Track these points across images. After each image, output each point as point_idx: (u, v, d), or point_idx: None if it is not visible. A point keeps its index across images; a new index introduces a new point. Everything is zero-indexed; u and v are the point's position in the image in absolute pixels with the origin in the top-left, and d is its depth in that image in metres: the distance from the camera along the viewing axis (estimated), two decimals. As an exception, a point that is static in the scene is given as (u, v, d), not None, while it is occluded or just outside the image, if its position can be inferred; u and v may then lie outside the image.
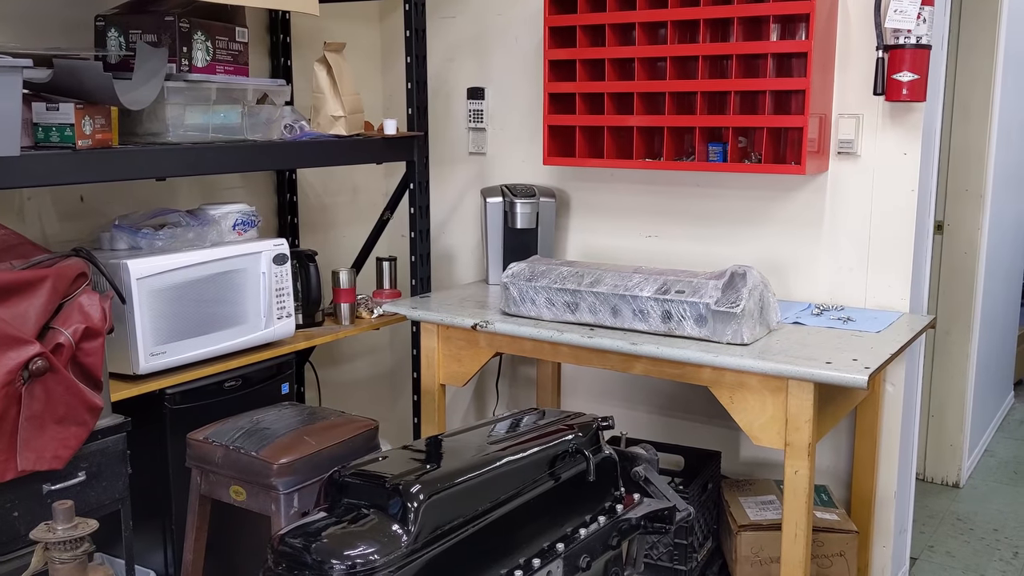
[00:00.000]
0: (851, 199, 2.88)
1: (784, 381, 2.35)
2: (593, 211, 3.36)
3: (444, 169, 3.67)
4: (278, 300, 2.71)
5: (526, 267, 2.83)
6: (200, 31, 2.49)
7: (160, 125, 2.37)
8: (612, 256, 3.32)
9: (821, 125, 2.81)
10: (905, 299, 2.85)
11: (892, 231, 2.83)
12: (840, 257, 2.92)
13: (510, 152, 3.52)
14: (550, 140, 3.14)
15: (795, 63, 2.84)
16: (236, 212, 2.69)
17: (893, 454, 2.94)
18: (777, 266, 3.02)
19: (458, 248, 3.70)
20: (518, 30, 3.42)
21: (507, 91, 3.50)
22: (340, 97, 2.82)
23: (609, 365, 2.64)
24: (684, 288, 2.58)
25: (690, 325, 2.54)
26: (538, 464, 1.62)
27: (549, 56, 3.08)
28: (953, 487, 3.96)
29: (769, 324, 2.60)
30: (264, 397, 2.68)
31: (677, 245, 3.21)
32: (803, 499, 2.36)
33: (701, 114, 2.87)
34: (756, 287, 2.53)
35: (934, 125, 2.92)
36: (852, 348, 2.45)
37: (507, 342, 2.79)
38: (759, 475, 3.14)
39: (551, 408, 1.96)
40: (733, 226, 3.10)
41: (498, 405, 3.67)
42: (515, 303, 2.80)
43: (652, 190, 3.24)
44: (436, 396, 2.96)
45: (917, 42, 2.63)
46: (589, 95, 3.07)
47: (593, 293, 2.67)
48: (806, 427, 2.34)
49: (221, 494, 2.23)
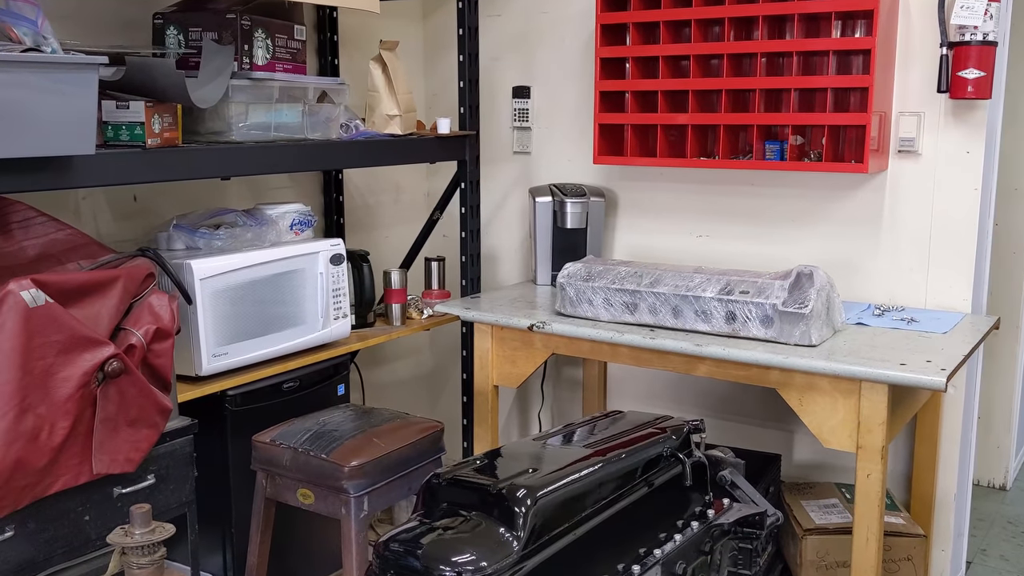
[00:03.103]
0: (912, 198, 2.84)
1: (857, 383, 2.31)
2: (642, 211, 3.33)
3: (488, 168, 3.63)
4: (335, 300, 2.68)
5: (582, 267, 2.80)
6: (260, 28, 2.46)
7: (222, 124, 2.34)
8: (662, 256, 3.28)
9: (881, 123, 2.77)
10: (967, 300, 2.81)
11: (954, 231, 2.79)
12: (900, 257, 2.88)
13: (555, 151, 3.49)
14: (601, 139, 3.11)
15: (854, 60, 2.80)
16: (293, 212, 2.66)
17: (953, 457, 2.90)
18: (833, 266, 2.98)
19: (502, 248, 3.66)
20: (564, 28, 3.39)
21: (553, 90, 3.46)
22: (395, 96, 2.79)
23: (671, 367, 2.60)
24: (748, 288, 2.54)
25: (755, 326, 2.50)
26: (636, 469, 1.59)
27: (600, 54, 3.05)
28: (1000, 489, 3.92)
29: (835, 325, 2.56)
30: (321, 399, 2.65)
31: (729, 245, 3.17)
32: (875, 503, 2.32)
33: (758, 112, 2.84)
34: (823, 288, 2.49)
35: (996, 122, 2.88)
36: (922, 349, 2.41)
37: (564, 343, 2.75)
38: (816, 478, 3.10)
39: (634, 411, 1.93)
40: (787, 226, 3.06)
41: (543, 407, 3.64)
42: (571, 304, 2.76)
43: (703, 189, 3.20)
44: (489, 397, 2.92)
45: (984, 39, 2.59)
46: (641, 93, 3.04)
47: (654, 293, 2.64)
48: (879, 430, 2.30)
49: (288, 497, 2.20)
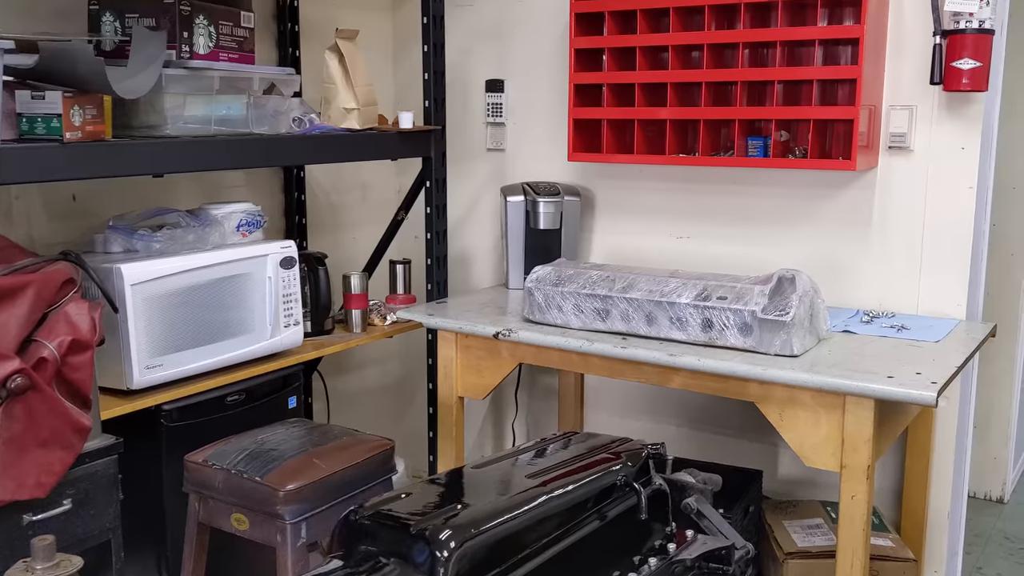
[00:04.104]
0: (903, 197, 2.67)
1: (841, 397, 2.13)
2: (620, 211, 3.15)
3: (460, 166, 3.46)
4: (285, 307, 2.51)
5: (552, 271, 2.62)
6: (202, 15, 2.29)
7: (158, 117, 2.17)
8: (641, 259, 3.11)
9: (871, 117, 2.60)
10: (962, 305, 2.64)
11: (948, 232, 2.62)
12: (891, 260, 2.71)
13: (531, 148, 3.31)
14: (575, 135, 2.94)
15: (842, 51, 2.63)
16: (240, 212, 2.49)
17: (947, 472, 2.73)
18: (821, 269, 2.80)
19: (475, 250, 3.49)
20: (539, 18, 3.22)
21: (528, 84, 3.29)
22: (353, 88, 2.62)
23: (644, 378, 2.43)
24: (727, 294, 2.37)
25: (733, 335, 2.33)
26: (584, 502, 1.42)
27: (575, 44, 2.88)
28: (998, 502, 3.74)
29: (819, 333, 2.39)
30: (270, 412, 2.48)
31: (711, 247, 3.00)
32: (861, 526, 2.15)
33: (741, 106, 2.67)
34: (806, 293, 2.32)
35: (993, 117, 2.71)
36: (912, 360, 2.24)
37: (532, 352, 2.58)
38: (801, 495, 2.93)
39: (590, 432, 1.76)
40: (772, 227, 2.89)
41: (517, 418, 3.47)
42: (540, 310, 2.59)
43: (684, 188, 3.03)
44: (454, 409, 2.75)
45: (980, 27, 2.42)
46: (617, 86, 2.87)
47: (626, 299, 2.47)
48: (865, 448, 2.12)
49: (222, 522, 2.03)
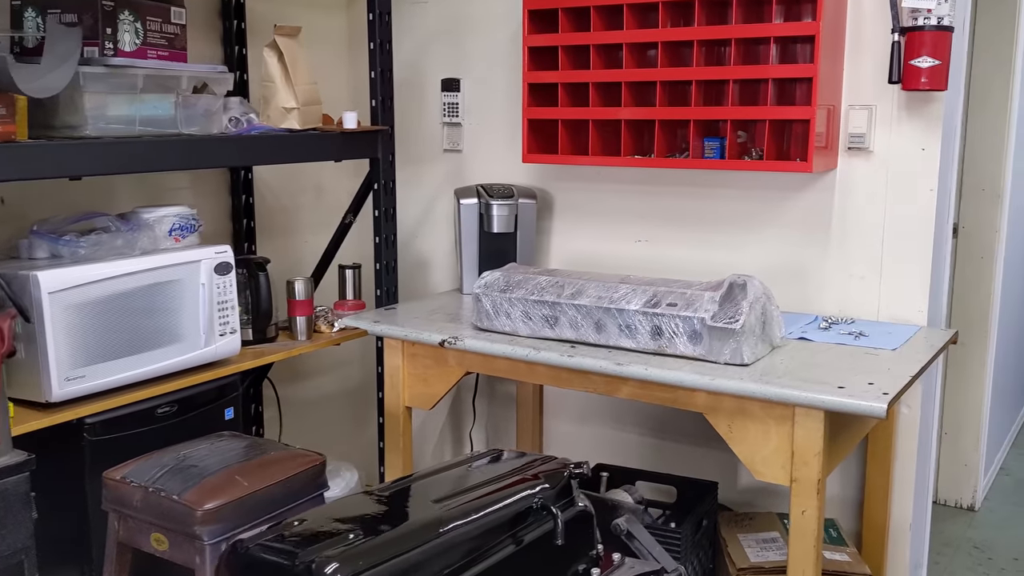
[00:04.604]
0: (862, 200, 2.59)
1: (790, 408, 2.05)
2: (578, 213, 3.07)
3: (417, 167, 3.37)
4: (221, 314, 2.42)
5: (501, 276, 2.54)
6: (127, 11, 2.19)
7: (78, 117, 2.08)
8: (599, 263, 3.03)
9: (829, 117, 2.52)
10: (923, 311, 2.56)
11: (909, 235, 2.54)
12: (850, 264, 2.63)
13: (488, 149, 3.23)
14: (530, 135, 2.85)
15: (800, 49, 2.55)
16: (173, 216, 2.40)
17: (908, 482, 2.65)
18: (780, 274, 2.73)
19: (433, 254, 3.40)
20: (495, 16, 3.13)
21: (485, 83, 3.20)
22: (293, 87, 2.53)
23: (592, 388, 2.34)
24: (676, 300, 2.29)
25: (683, 343, 2.25)
26: (496, 527, 1.34)
27: (528, 42, 2.79)
28: (968, 510, 3.67)
29: (772, 341, 2.31)
30: (205, 424, 2.38)
31: (670, 251, 2.92)
32: (811, 543, 2.07)
33: (696, 106, 2.59)
34: (758, 299, 2.23)
35: (954, 117, 2.63)
36: (866, 369, 2.16)
37: (479, 361, 2.49)
38: (762, 505, 2.85)
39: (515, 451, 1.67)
40: (732, 230, 2.80)
41: (475, 426, 3.38)
42: (488, 317, 2.50)
43: (643, 190, 2.94)
44: (401, 420, 2.66)
45: (938, 23, 2.34)
46: (573, 85, 2.78)
47: (574, 306, 2.38)
48: (815, 461, 2.04)
49: (142, 542, 1.94)
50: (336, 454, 3.24)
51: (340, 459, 3.18)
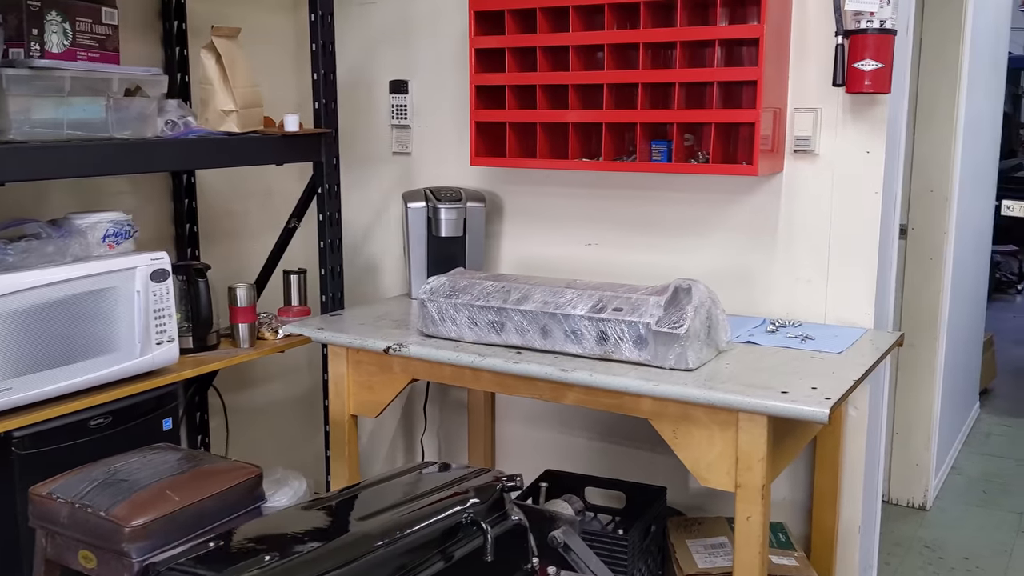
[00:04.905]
0: (809, 203, 2.59)
1: (734, 414, 2.04)
2: (528, 217, 3.04)
3: (366, 170, 3.33)
4: (158, 323, 2.36)
5: (446, 282, 2.50)
6: (55, 11, 2.13)
7: (1, 121, 2.01)
8: (549, 267, 3.00)
9: (775, 120, 2.52)
10: (869, 314, 2.56)
11: (854, 238, 2.54)
12: (797, 267, 2.63)
13: (437, 151, 3.19)
14: (478, 138, 2.82)
15: (746, 52, 2.55)
16: (107, 222, 2.33)
17: (857, 485, 2.65)
18: (728, 277, 2.72)
19: (383, 258, 3.36)
20: (443, 17, 3.09)
21: (433, 84, 3.17)
22: (232, 89, 2.47)
23: (538, 394, 2.32)
24: (622, 306, 2.26)
25: (628, 348, 2.23)
26: (424, 544, 1.30)
27: (475, 44, 2.77)
28: (920, 509, 3.69)
29: (718, 345, 2.30)
30: (141, 436, 2.32)
31: (619, 254, 2.90)
32: (757, 549, 2.06)
33: (643, 109, 2.57)
34: (703, 304, 2.22)
35: (900, 121, 2.64)
36: (811, 373, 2.16)
37: (424, 367, 2.45)
38: (712, 509, 2.84)
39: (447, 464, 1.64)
40: (680, 233, 2.79)
41: (426, 432, 3.34)
42: (434, 323, 2.47)
43: (592, 193, 2.92)
44: (346, 428, 2.62)
45: (881, 26, 2.34)
46: (520, 88, 2.76)
47: (520, 311, 2.35)
48: (759, 466, 2.03)
49: (70, 559, 1.87)
50: (286, 462, 3.18)
51: (290, 467, 3.13)
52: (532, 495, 2.47)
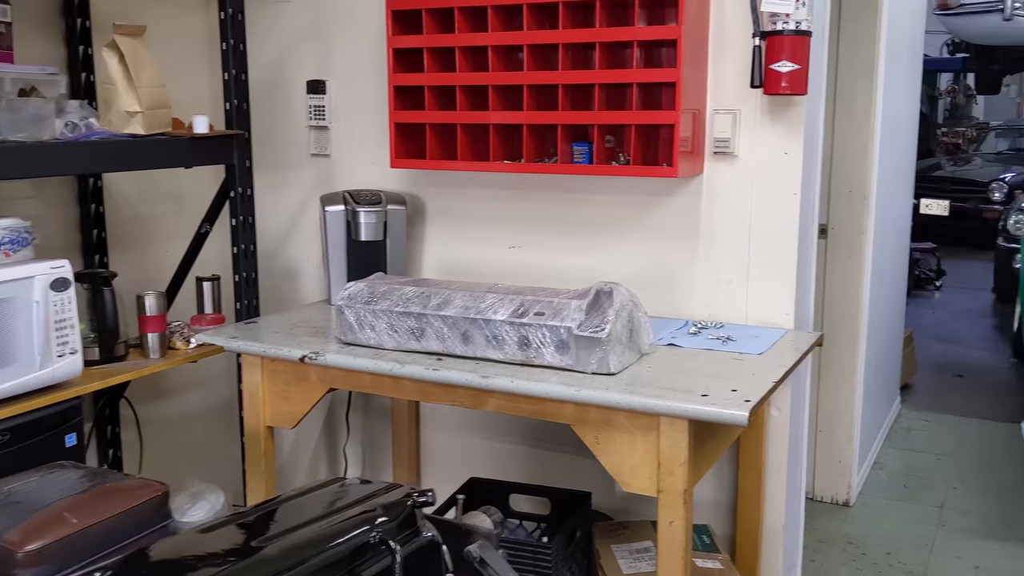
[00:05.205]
0: (729, 204, 2.60)
1: (656, 418, 2.02)
2: (451, 220, 2.99)
3: (283, 173, 3.24)
4: (59, 334, 2.25)
5: (365, 287, 2.44)
6: (-59, 6, 2.01)
7: None
8: (473, 270, 2.96)
9: (695, 122, 2.51)
10: (789, 314, 2.57)
11: (774, 239, 2.55)
12: (718, 268, 2.63)
13: (357, 154, 3.12)
14: (398, 140, 2.76)
15: (665, 53, 2.54)
16: (3, 229, 2.21)
17: (780, 484, 2.67)
18: (650, 279, 2.71)
19: (302, 263, 3.27)
20: (361, 16, 3.03)
21: (352, 85, 3.09)
22: (136, 90, 2.37)
23: (458, 401, 2.27)
24: (544, 310, 2.23)
25: (550, 353, 2.19)
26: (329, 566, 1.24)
27: (393, 44, 2.71)
28: (843, 506, 3.74)
29: (640, 348, 2.28)
30: (43, 453, 2.20)
31: (543, 257, 2.87)
32: (680, 553, 2.04)
33: (563, 110, 2.54)
34: (624, 307, 2.20)
35: (817, 122, 2.66)
36: (731, 375, 2.15)
37: (342, 376, 2.39)
38: (639, 512, 2.82)
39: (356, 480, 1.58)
40: (602, 235, 2.77)
41: (349, 441, 3.26)
42: (352, 330, 2.40)
43: (514, 196, 2.89)
44: (262, 441, 2.53)
45: (797, 28, 2.35)
46: (439, 88, 2.71)
47: (440, 317, 2.30)
48: (681, 471, 2.01)
49: (-40, 588, 1.76)
50: (204, 474, 3.07)
51: (209, 480, 3.02)
52: (456, 504, 2.43)
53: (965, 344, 6.37)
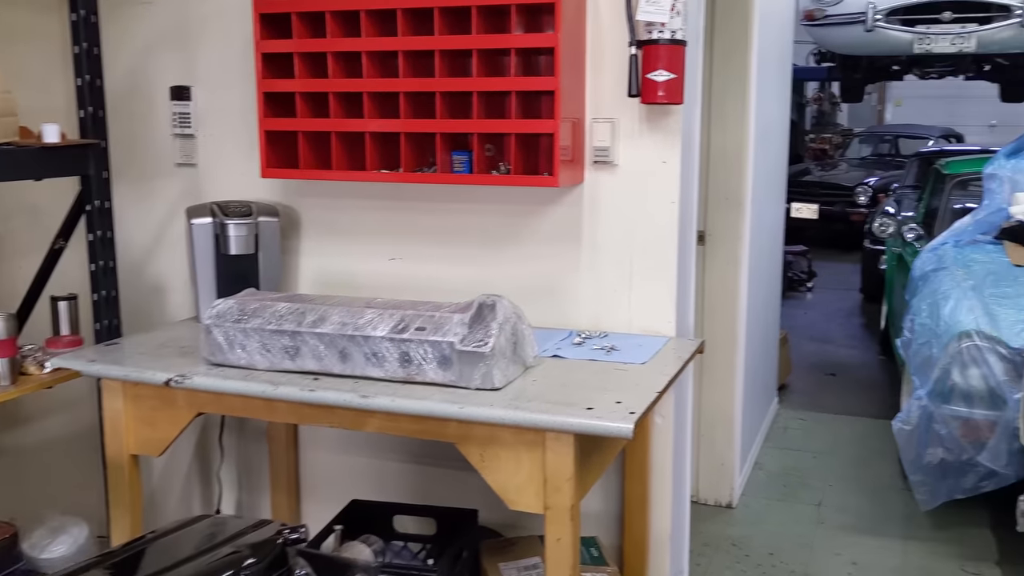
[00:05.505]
0: (610, 213, 2.58)
1: (541, 434, 1.98)
2: (327, 231, 2.89)
3: (147, 184, 3.06)
4: None
5: (235, 305, 2.32)
6: None
7: None
8: (351, 283, 2.85)
9: (574, 131, 2.49)
10: (671, 322, 2.58)
11: (654, 248, 2.55)
12: (601, 278, 2.62)
13: (226, 163, 2.98)
14: (269, 148, 2.65)
15: (543, 61, 2.50)
16: None
17: (666, 492, 2.67)
18: (534, 289, 2.67)
19: (170, 279, 3.10)
20: (228, 19, 2.89)
21: (220, 91, 2.95)
22: (-24, 96, 2.19)
23: (337, 422, 2.18)
24: (425, 325, 2.16)
25: (433, 369, 2.13)
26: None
27: (261, 48, 2.60)
28: (727, 508, 3.80)
29: (524, 361, 2.24)
30: None
31: (425, 268, 2.80)
32: (568, 571, 2.01)
33: (442, 118, 2.48)
34: (508, 320, 2.15)
35: (693, 130, 2.68)
36: (616, 386, 2.13)
37: (211, 400, 2.26)
38: (528, 527, 2.77)
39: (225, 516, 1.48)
40: (485, 245, 2.72)
41: (223, 465, 3.10)
42: (221, 350, 2.28)
43: (393, 206, 2.81)
44: (126, 470, 2.37)
45: (672, 37, 2.36)
46: (312, 95, 2.61)
47: (316, 335, 2.21)
48: (567, 486, 1.98)
49: None
50: (67, 506, 2.88)
51: (72, 512, 2.83)
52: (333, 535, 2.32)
53: (836, 343, 6.62)
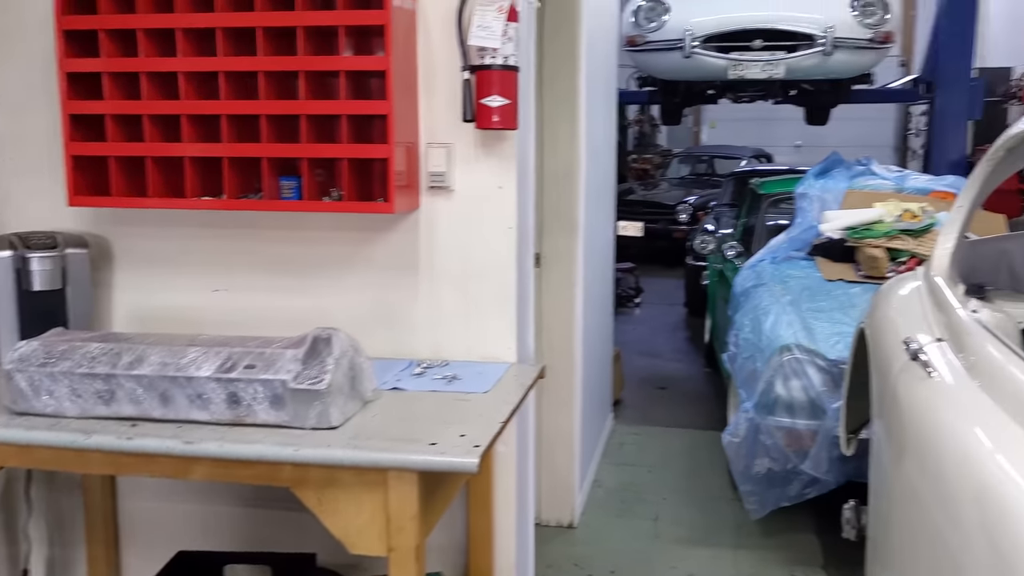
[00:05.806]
0: (447, 239, 2.54)
1: (383, 473, 1.90)
2: (144, 263, 2.69)
3: (-66, 214, 2.76)
4: None
5: (39, 347, 2.11)
6: None
7: None
8: (173, 318, 2.67)
9: (409, 156, 2.43)
10: (511, 348, 2.56)
11: (492, 274, 2.53)
12: (440, 304, 2.56)
13: (28, 190, 2.73)
14: (77, 174, 2.45)
15: (375, 84, 2.43)
16: None
17: (510, 520, 2.64)
18: (372, 318, 2.58)
19: (-36, 317, 2.80)
20: (31, 33, 2.65)
21: (20, 112, 2.70)
22: None
23: (159, 471, 2.02)
24: (255, 362, 2.04)
25: (264, 409, 2.01)
26: None
27: (65, 68, 2.41)
28: (568, 528, 3.81)
29: (363, 396, 2.15)
30: None
31: (253, 300, 2.65)
32: (414, 615, 1.93)
33: (268, 142, 2.36)
34: (344, 354, 2.06)
35: (528, 155, 2.68)
36: (459, 418, 2.08)
37: (14, 453, 2.04)
38: (371, 567, 2.67)
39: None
40: (319, 274, 2.61)
41: (32, 519, 2.83)
42: (25, 397, 2.07)
43: (217, 234, 2.65)
44: (-88, 538, 2.11)
45: (505, 63, 2.34)
46: (124, 118, 2.43)
47: (134, 377, 2.04)
48: (411, 526, 1.90)
49: None
50: None
51: None
52: None
53: (665, 357, 6.83)
